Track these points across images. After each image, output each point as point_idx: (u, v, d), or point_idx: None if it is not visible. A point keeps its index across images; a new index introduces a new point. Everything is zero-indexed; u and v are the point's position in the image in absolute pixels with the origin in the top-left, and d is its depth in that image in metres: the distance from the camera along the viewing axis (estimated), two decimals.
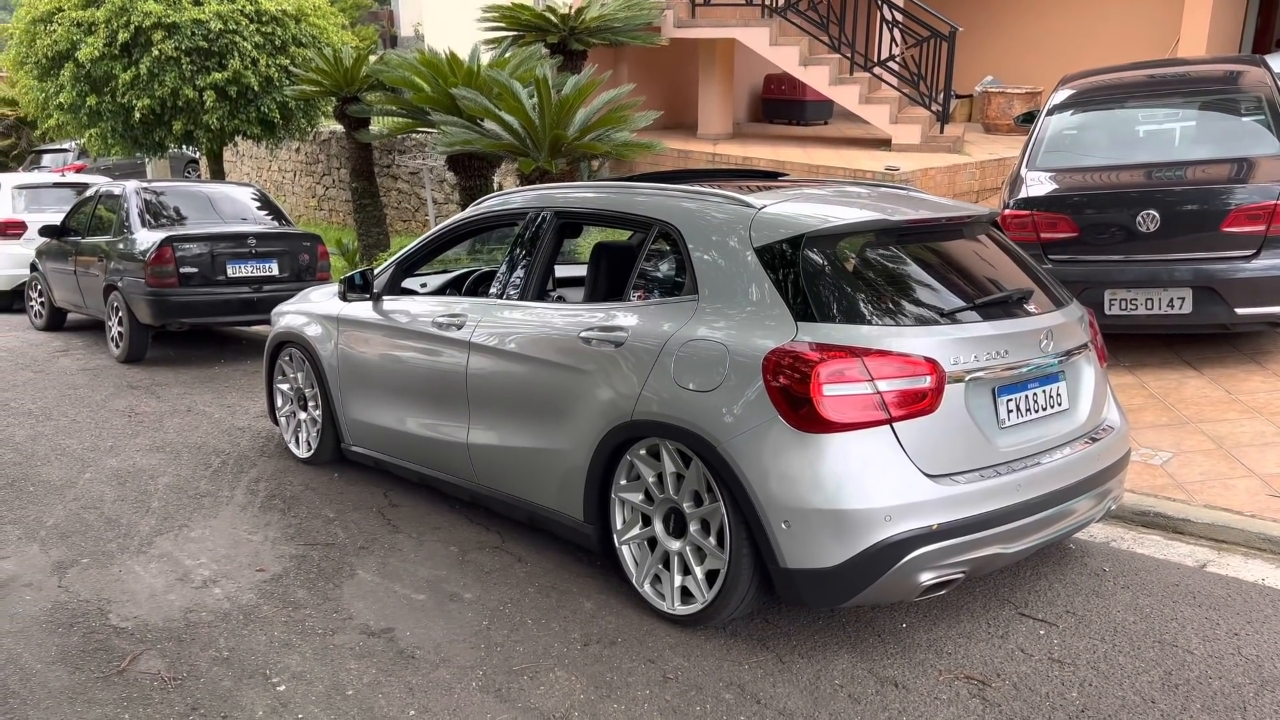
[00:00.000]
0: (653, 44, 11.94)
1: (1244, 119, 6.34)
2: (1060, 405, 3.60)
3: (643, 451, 3.62)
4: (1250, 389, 5.55)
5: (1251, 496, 4.42)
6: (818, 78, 11.38)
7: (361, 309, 5.11)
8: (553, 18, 11.19)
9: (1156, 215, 5.77)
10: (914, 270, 3.57)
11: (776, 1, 11.44)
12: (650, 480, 3.63)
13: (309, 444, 5.59)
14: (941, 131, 11.23)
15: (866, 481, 3.12)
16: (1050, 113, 6.89)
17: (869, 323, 3.26)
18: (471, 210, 4.83)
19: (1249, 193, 5.67)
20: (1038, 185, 6.33)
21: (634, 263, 3.88)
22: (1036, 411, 3.50)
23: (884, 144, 11.50)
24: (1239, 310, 5.68)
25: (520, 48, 10.82)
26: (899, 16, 11.31)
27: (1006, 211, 6.28)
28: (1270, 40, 13.57)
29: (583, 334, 3.83)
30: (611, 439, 3.67)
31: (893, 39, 11.41)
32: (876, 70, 11.27)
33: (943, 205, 3.98)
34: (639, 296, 3.82)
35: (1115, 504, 3.90)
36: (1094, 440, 3.69)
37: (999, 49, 14.74)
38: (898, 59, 11.26)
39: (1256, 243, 5.63)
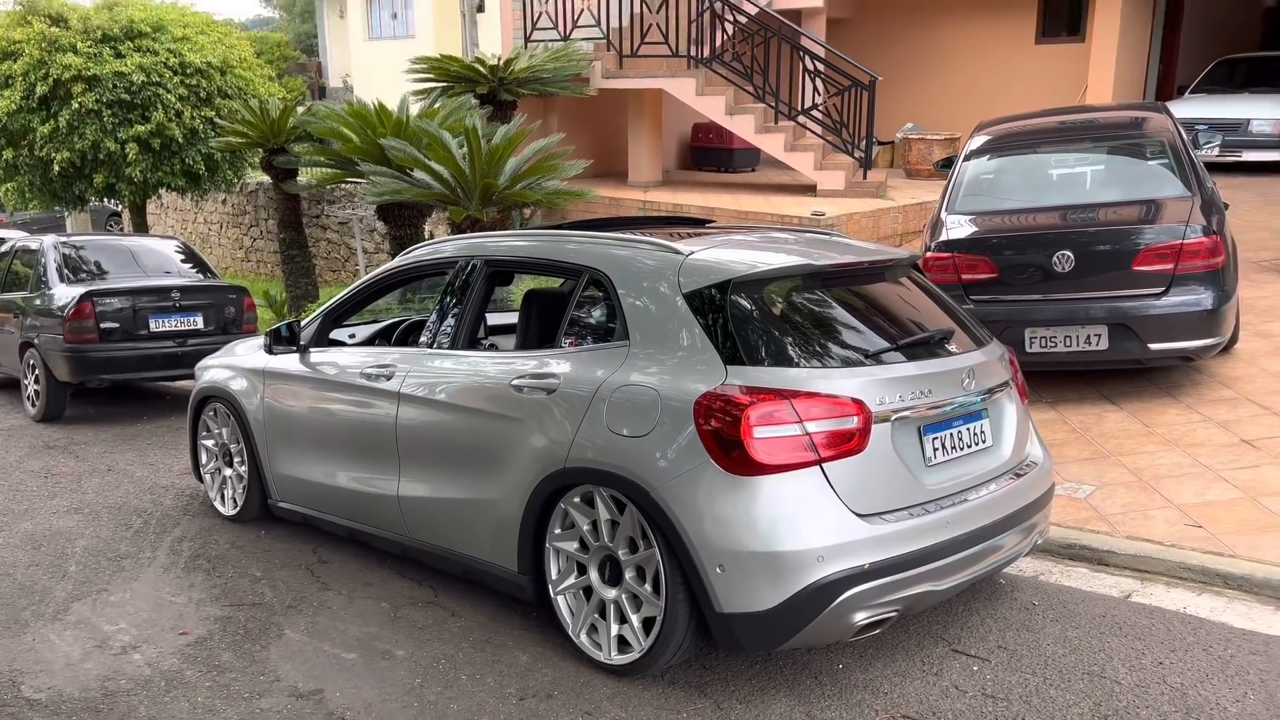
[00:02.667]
0: (582, 94, 12.08)
1: (1150, 163, 6.62)
2: (984, 442, 3.68)
3: (577, 499, 3.60)
4: (1166, 422, 5.73)
5: (1170, 527, 4.55)
6: (744, 126, 11.61)
7: (288, 361, 5.02)
8: (482, 69, 11.27)
9: (1071, 256, 5.97)
10: (839, 313, 3.64)
11: (702, 53, 11.67)
12: (585, 528, 3.60)
13: (235, 501, 5.44)
14: (865, 177, 11.51)
15: (799, 523, 3.14)
16: (967, 158, 7.11)
17: (797, 365, 3.31)
18: (400, 260, 4.80)
19: (1157, 233, 5.90)
20: (957, 228, 6.52)
21: (565, 310, 3.89)
22: (962, 449, 3.57)
23: (810, 190, 11.75)
24: (1152, 346, 5.88)
25: (449, 98, 10.87)
26: (821, 67, 11.63)
27: (928, 254, 6.44)
28: (1172, 88, 14.23)
29: (514, 382, 3.81)
30: (545, 487, 3.64)
31: (815, 88, 11.71)
32: (801, 119, 11.54)
33: (866, 249, 4.07)
34: (570, 343, 3.83)
35: (1041, 538, 3.99)
36: (1018, 476, 3.78)
37: (919, 97, 15.22)
38: (821, 108, 11.55)
39: (1165, 281, 5.85)
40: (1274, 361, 6.34)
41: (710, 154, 14.71)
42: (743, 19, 11.77)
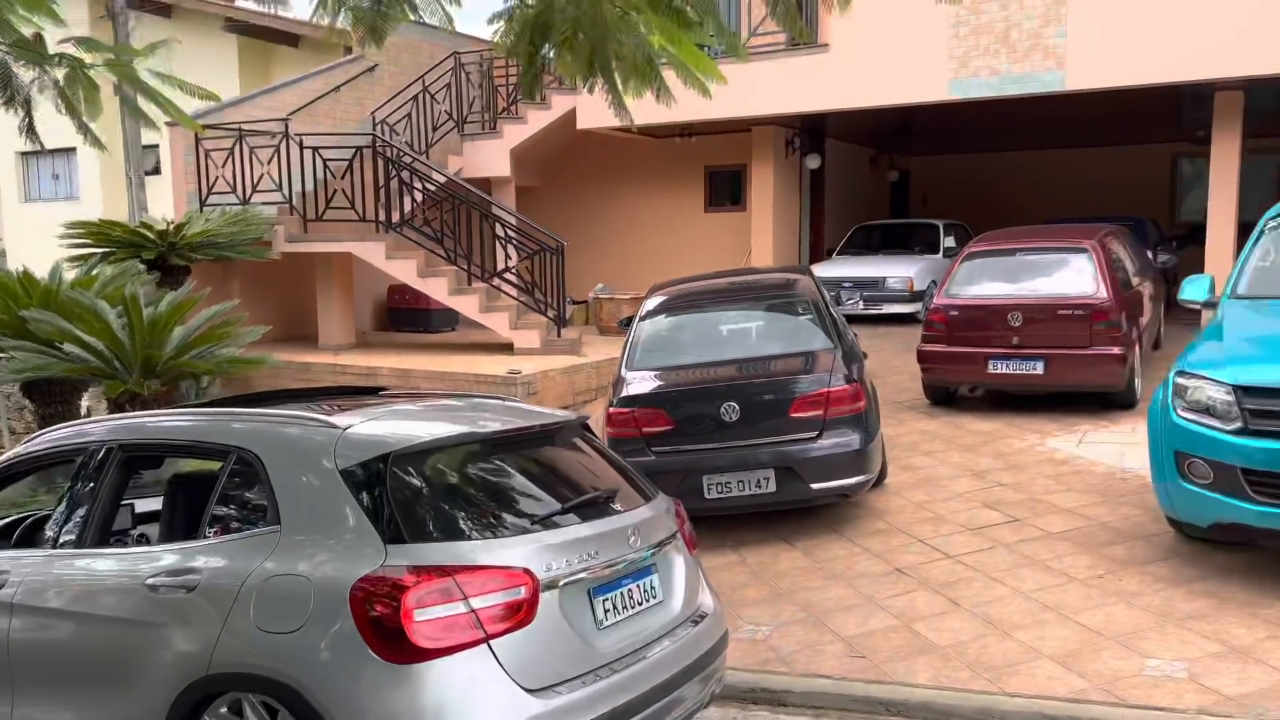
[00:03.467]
0: (264, 258, 11.68)
1: (799, 318, 7.33)
2: (655, 598, 3.73)
3: (223, 709, 3.23)
4: (832, 556, 6.15)
5: (838, 660, 4.82)
6: (437, 288, 11.69)
7: None
8: (149, 234, 10.63)
9: (737, 406, 6.39)
10: (505, 480, 3.62)
11: (390, 218, 11.74)
12: None
13: None
14: (559, 335, 11.88)
15: (467, 708, 2.99)
16: (642, 318, 7.53)
17: (459, 538, 3.22)
18: (24, 446, 4.26)
19: (807, 382, 6.48)
20: (636, 384, 6.82)
21: (211, 495, 3.58)
22: (633, 607, 3.60)
23: (508, 349, 11.93)
24: (813, 485, 6.36)
25: (111, 264, 10.10)
26: (512, 233, 12.05)
27: (610, 410, 6.67)
28: (822, 250, 16.07)
29: (149, 581, 3.42)
30: (186, 699, 3.25)
31: (506, 253, 12.08)
32: (495, 281, 11.81)
33: (535, 414, 4.12)
34: (216, 533, 3.51)
35: (719, 686, 4.06)
36: (693, 626, 3.85)
37: (608, 260, 16.13)
38: (513, 270, 11.90)
39: (819, 425, 6.39)
40: (918, 492, 7.05)
41: (408, 315, 14.62)
42: (431, 186, 12.02)
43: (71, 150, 22.62)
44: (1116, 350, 8.28)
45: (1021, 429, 8.30)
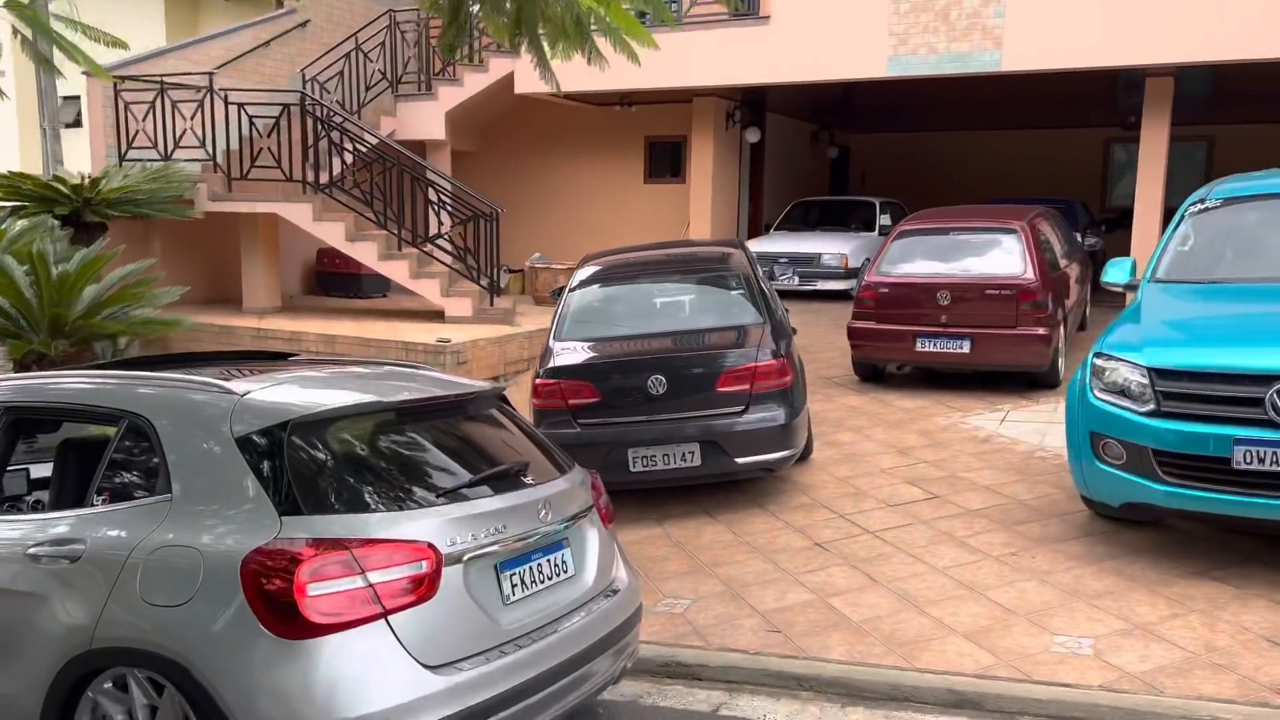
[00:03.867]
0: (185, 217, 11.29)
1: (730, 293, 7.28)
2: (567, 572, 3.67)
3: (108, 685, 3.09)
4: (755, 530, 6.15)
5: (755, 635, 4.81)
6: (366, 253, 11.42)
7: None
8: (63, 188, 10.18)
9: (664, 379, 6.33)
10: (412, 452, 3.51)
11: (319, 179, 11.40)
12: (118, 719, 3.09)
13: None
14: (492, 304, 11.69)
15: (362, 686, 2.90)
16: (573, 288, 7.42)
17: (360, 510, 3.11)
18: None
19: (734, 357, 6.44)
20: (563, 355, 6.72)
21: (100, 461, 3.41)
22: (542, 582, 3.53)
23: (439, 316, 11.72)
24: (738, 460, 6.34)
25: (22, 218, 9.66)
26: (445, 198, 11.79)
27: (537, 380, 6.57)
28: (760, 224, 16.07)
29: (31, 550, 3.25)
30: (68, 675, 3.10)
31: (439, 219, 11.83)
32: (427, 247, 11.57)
33: (448, 384, 4.01)
34: (104, 500, 3.35)
35: (631, 661, 4.02)
36: (605, 600, 3.80)
37: (546, 228, 15.93)
38: (446, 236, 11.66)
39: (745, 400, 6.37)
40: (842, 467, 7.08)
41: (337, 279, 14.30)
42: (362, 148, 11.70)
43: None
44: (1041, 331, 8.40)
45: (947, 407, 8.39)
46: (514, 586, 3.39)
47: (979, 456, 7.11)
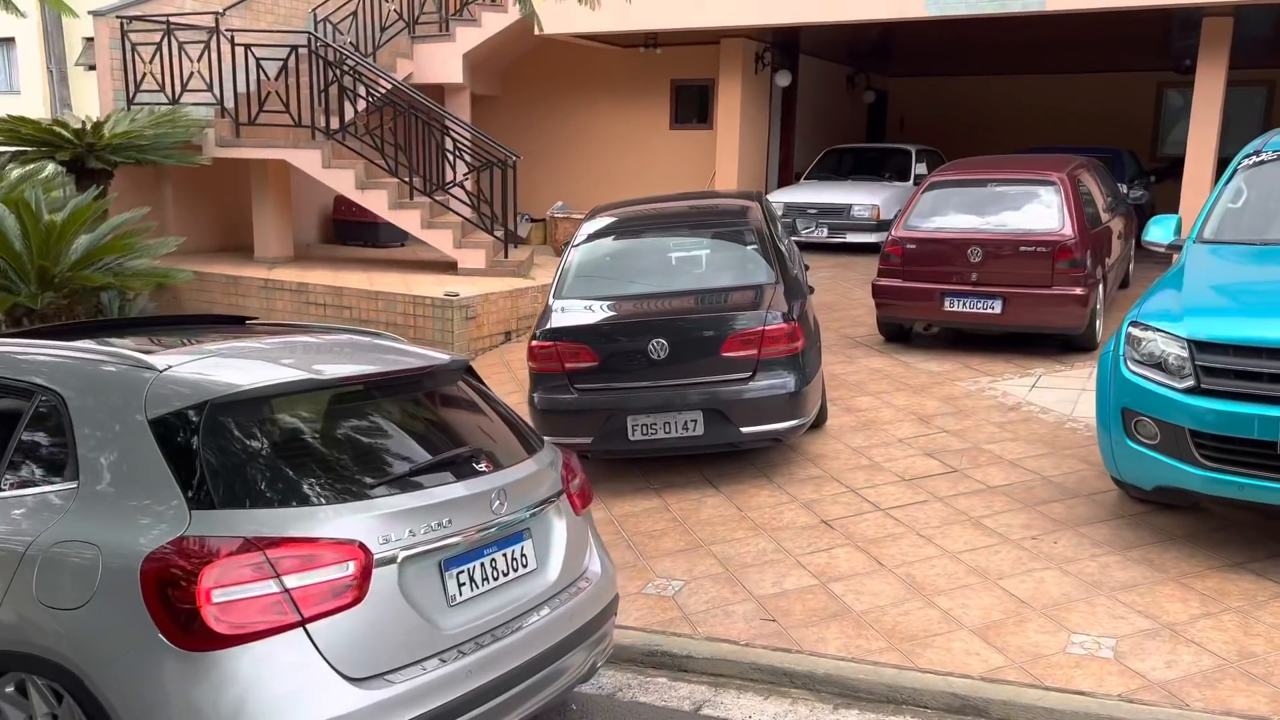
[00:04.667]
0: (192, 163, 10.99)
1: (743, 249, 6.84)
2: (526, 566, 3.34)
3: (9, 689, 2.83)
4: (758, 504, 5.80)
5: (748, 624, 4.48)
6: (376, 201, 11.06)
7: None
8: (65, 133, 9.91)
9: (665, 343, 5.95)
10: (348, 436, 3.18)
11: (329, 124, 11.02)
12: None
13: None
14: (506, 256, 11.33)
15: (275, 704, 2.60)
16: (578, 243, 7.03)
17: (282, 505, 2.79)
18: None
19: (743, 319, 6.02)
20: (562, 315, 6.35)
21: (8, 442, 3.12)
22: (496, 579, 3.21)
23: (452, 267, 11.39)
24: (743, 430, 5.96)
25: (22, 165, 9.42)
26: (462, 145, 11.37)
27: (533, 343, 6.21)
28: (791, 173, 15.47)
29: None
30: None
31: (454, 166, 11.43)
32: (440, 196, 11.19)
33: (403, 356, 3.65)
34: (11, 485, 3.06)
35: (604, 658, 3.71)
36: (575, 593, 3.48)
37: (569, 176, 15.47)
38: (461, 185, 11.27)
39: (752, 366, 5.97)
40: (857, 436, 6.69)
41: (354, 228, 14.00)
42: (377, 92, 11.27)
43: (11, 41, 21.49)
44: (1078, 291, 7.87)
45: (975, 370, 7.94)
46: (461, 586, 3.07)
47: (1004, 426, 6.67)
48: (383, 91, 11.27)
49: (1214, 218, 5.62)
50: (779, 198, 13.27)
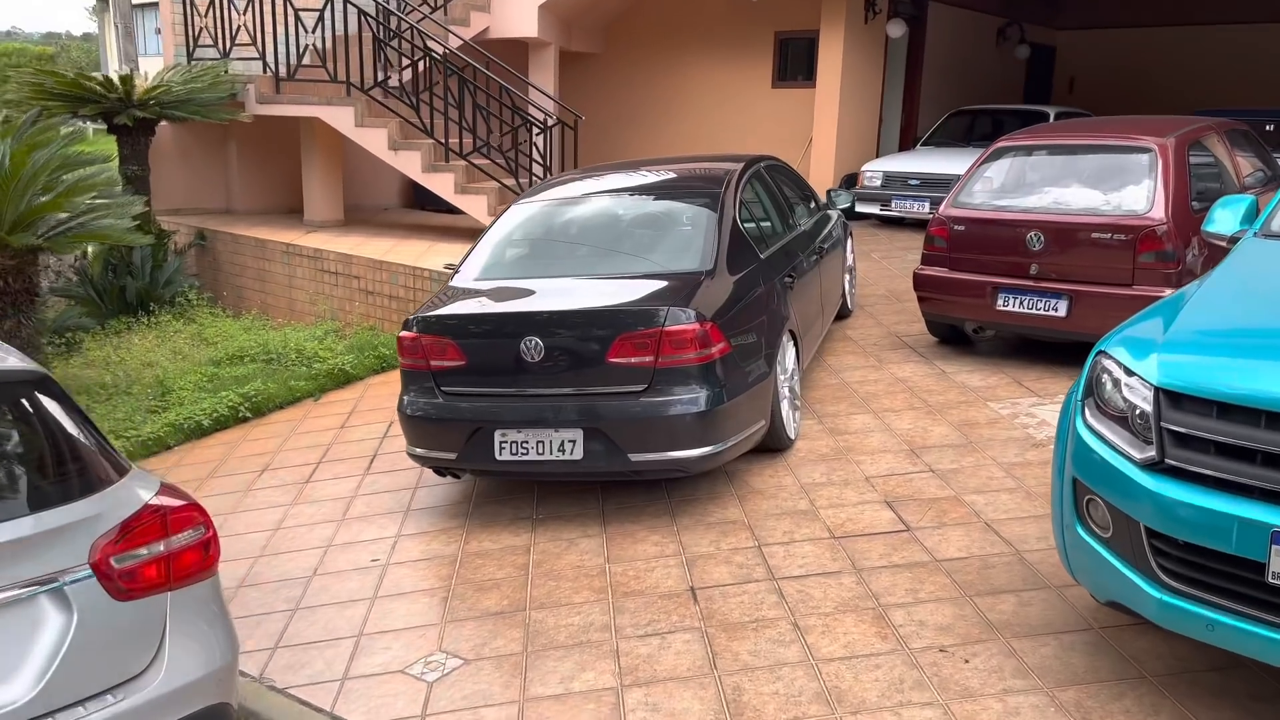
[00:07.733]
0: (231, 119, 10.63)
1: (683, 228, 5.52)
2: None
3: None
4: (632, 555, 4.54)
5: None
6: (409, 163, 10.30)
7: None
8: (94, 86, 9.70)
9: (540, 343, 4.77)
10: None
11: (362, 78, 10.31)
12: None
13: None
14: None
15: None
16: (505, 213, 5.95)
17: None
18: None
19: (637, 317, 4.74)
20: (444, 301, 5.29)
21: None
22: None
23: None
24: (633, 457, 4.70)
25: (47, 119, 9.26)
26: (514, 105, 10.42)
27: (401, 334, 5.18)
28: (911, 140, 13.56)
29: None
30: None
31: (500, 127, 10.51)
32: (477, 160, 10.30)
33: None
34: None
35: None
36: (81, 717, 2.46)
37: (662, 142, 14.22)
38: (494, 146, 10.33)
39: (647, 376, 4.69)
40: (817, 469, 5.24)
41: (430, 192, 13.39)
42: (431, 48, 10.41)
43: (154, 5, 22.38)
44: (1168, 292, 5.98)
45: (1024, 389, 6.26)
46: None
47: (1012, 470, 5.07)
48: (438, 54, 10.36)
49: None
50: (877, 166, 11.56)
